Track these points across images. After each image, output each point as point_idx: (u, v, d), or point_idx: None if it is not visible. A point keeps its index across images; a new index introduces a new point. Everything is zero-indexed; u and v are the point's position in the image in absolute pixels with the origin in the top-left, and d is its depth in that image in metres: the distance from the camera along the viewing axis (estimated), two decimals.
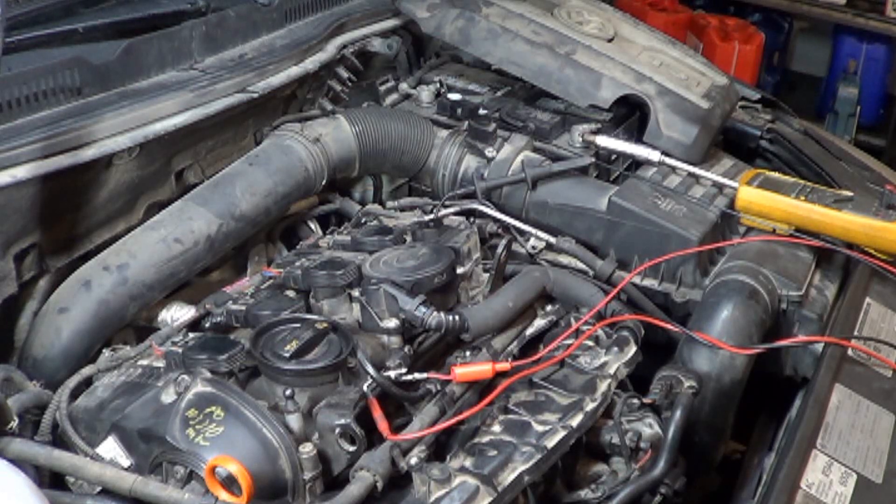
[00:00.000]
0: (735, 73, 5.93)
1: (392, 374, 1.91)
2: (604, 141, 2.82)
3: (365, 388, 1.84)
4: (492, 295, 2.29)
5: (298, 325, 1.95)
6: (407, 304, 2.02)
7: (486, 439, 1.93)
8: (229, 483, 1.64)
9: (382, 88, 3.20)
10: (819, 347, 2.37)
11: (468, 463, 1.85)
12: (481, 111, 2.93)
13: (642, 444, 2.09)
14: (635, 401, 2.12)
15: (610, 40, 3.07)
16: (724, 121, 3.06)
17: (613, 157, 2.88)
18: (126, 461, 1.79)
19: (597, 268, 2.56)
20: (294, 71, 2.79)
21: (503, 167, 2.78)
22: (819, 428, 2.09)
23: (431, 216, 2.45)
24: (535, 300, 2.35)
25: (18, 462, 1.63)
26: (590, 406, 2.03)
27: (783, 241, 2.60)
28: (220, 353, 1.86)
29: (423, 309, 2.01)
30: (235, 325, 2.10)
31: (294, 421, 1.76)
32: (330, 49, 2.96)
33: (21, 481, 1.41)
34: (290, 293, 2.17)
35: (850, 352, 2.32)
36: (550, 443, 1.91)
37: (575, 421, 1.98)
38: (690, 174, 2.79)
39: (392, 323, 2.01)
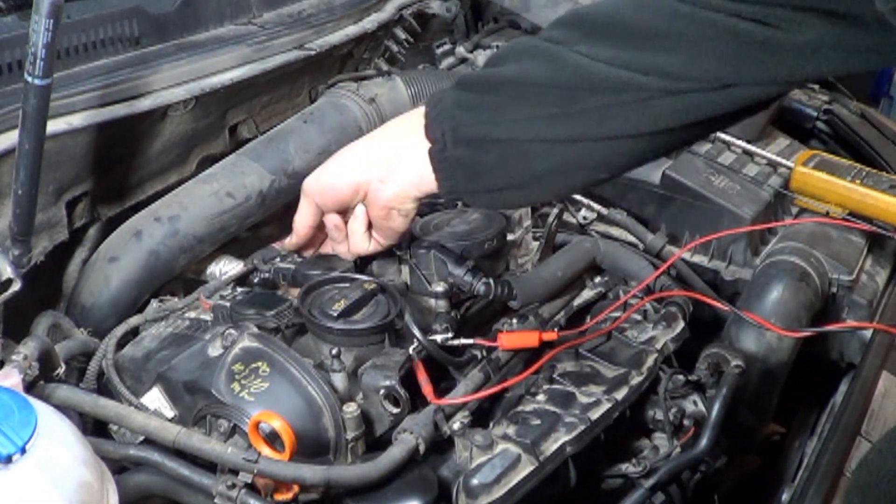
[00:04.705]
0: None
1: (438, 337, 1.89)
2: None
3: (411, 350, 1.83)
4: (541, 263, 2.27)
5: (347, 284, 1.95)
6: (456, 268, 2.01)
7: (529, 408, 1.92)
8: (272, 439, 1.64)
9: (439, 51, 3.17)
10: (867, 334, 2.35)
11: (511, 431, 1.84)
12: None
13: (685, 421, 2.08)
14: (681, 377, 2.11)
15: None
16: (782, 99, 3.03)
17: None
18: (170, 412, 1.80)
19: (647, 241, 2.55)
20: (352, 30, 2.77)
21: None
22: (864, 415, 2.08)
23: None
24: (584, 271, 2.33)
25: (63, 408, 1.64)
26: (636, 380, 2.01)
27: (836, 225, 2.57)
28: (268, 308, 1.86)
29: (472, 274, 2.00)
30: (282, 283, 2.10)
31: (339, 380, 1.76)
32: (388, 9, 2.94)
33: (66, 427, 1.42)
34: None
35: None
36: (595, 415, 1.90)
37: (620, 394, 1.96)
38: (745, 151, 2.77)
39: (440, 287, 1.99)
